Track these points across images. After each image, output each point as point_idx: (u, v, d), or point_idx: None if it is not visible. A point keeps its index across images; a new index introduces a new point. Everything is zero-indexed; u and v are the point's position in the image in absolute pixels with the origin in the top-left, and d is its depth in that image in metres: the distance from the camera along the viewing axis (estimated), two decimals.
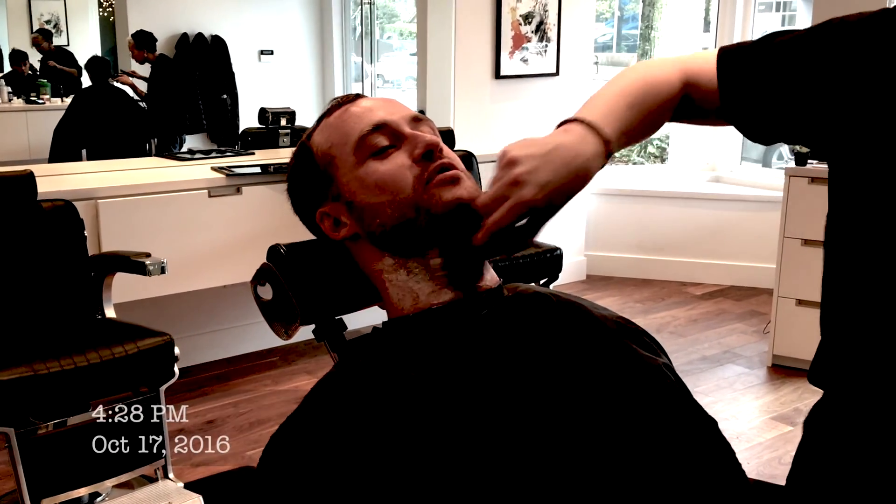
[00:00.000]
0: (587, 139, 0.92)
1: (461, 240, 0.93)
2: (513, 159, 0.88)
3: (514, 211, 0.87)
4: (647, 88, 0.99)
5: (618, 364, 0.91)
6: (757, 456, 2.76)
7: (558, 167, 0.88)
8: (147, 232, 2.98)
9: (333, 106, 1.03)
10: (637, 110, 0.98)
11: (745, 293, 4.48)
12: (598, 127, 0.92)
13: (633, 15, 9.99)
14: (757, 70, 0.97)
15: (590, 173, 0.91)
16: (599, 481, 0.82)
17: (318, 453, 0.82)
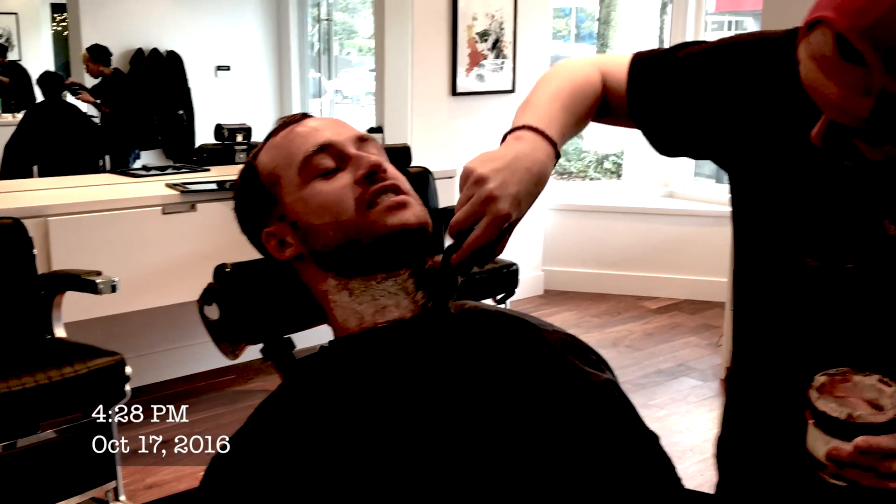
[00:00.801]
0: (539, 144, 0.95)
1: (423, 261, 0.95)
2: (481, 177, 0.90)
3: (494, 226, 0.89)
4: (576, 91, 1.04)
5: (559, 381, 0.92)
6: (710, 468, 2.79)
7: (523, 175, 0.91)
8: (99, 250, 2.93)
9: (279, 126, 1.04)
10: (569, 112, 1.03)
11: (699, 307, 4.55)
12: (545, 131, 0.97)
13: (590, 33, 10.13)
14: (661, 82, 1.03)
15: (547, 176, 0.95)
16: (538, 498, 0.83)
17: (257, 474, 0.82)
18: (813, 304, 0.92)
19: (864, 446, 0.77)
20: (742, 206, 1.01)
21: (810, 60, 0.77)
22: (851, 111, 0.76)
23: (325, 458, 0.82)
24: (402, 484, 0.81)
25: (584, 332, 4.17)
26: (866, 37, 0.71)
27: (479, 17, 4.30)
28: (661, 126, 1.05)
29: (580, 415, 0.90)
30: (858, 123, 0.76)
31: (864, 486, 0.79)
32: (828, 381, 0.82)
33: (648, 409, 3.27)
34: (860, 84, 0.73)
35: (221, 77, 6.94)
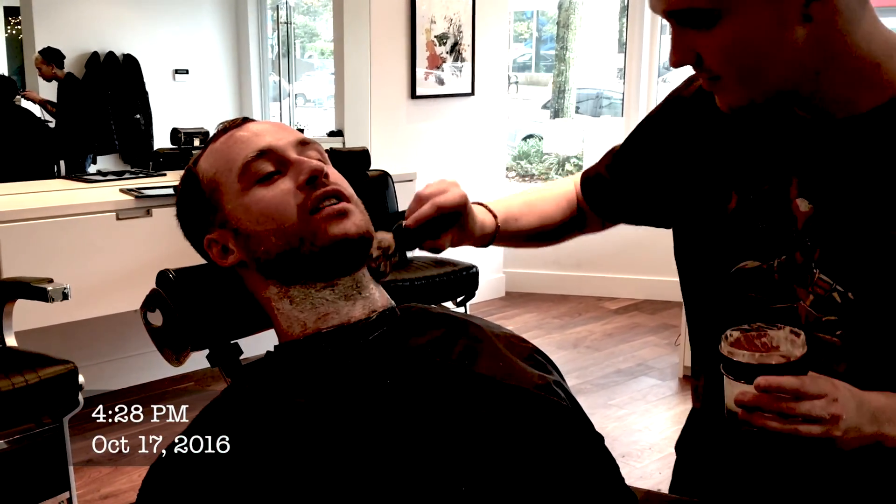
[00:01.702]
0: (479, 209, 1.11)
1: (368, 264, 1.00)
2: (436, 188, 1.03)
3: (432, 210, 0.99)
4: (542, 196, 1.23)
5: (500, 384, 0.93)
6: (669, 465, 2.81)
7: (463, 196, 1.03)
8: (51, 257, 2.89)
9: (220, 131, 1.02)
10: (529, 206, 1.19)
11: (658, 306, 4.60)
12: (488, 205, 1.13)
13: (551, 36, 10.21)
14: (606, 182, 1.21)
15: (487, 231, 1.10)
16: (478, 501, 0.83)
17: (196, 479, 0.81)
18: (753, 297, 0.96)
19: (765, 385, 0.79)
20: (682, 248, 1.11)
21: None
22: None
23: (266, 462, 0.82)
24: (343, 488, 0.80)
25: (545, 333, 4.20)
26: None
27: (437, 20, 4.31)
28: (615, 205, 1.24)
29: (523, 417, 0.90)
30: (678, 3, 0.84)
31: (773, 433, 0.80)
32: (742, 336, 0.84)
33: (608, 408, 3.30)
34: None
35: (180, 81, 6.87)
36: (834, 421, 0.80)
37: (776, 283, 0.93)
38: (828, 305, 0.90)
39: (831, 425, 0.80)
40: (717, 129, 0.99)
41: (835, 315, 0.89)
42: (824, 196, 0.90)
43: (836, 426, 0.80)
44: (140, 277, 3.03)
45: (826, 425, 0.80)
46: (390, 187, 3.66)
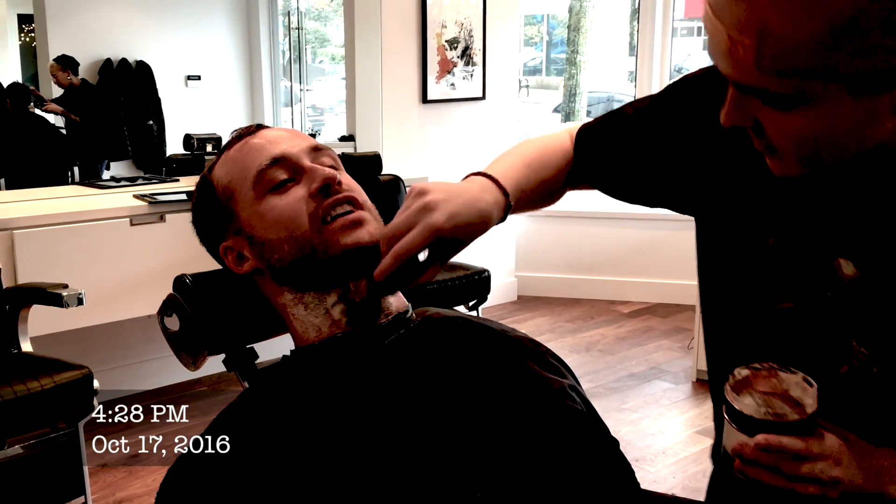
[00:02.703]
0: (489, 189, 0.95)
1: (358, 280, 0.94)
2: (423, 189, 0.90)
3: (424, 235, 0.87)
4: (544, 153, 1.06)
5: (516, 388, 0.93)
6: (683, 470, 2.82)
7: (465, 203, 0.91)
8: (66, 262, 2.90)
9: (234, 138, 1.03)
10: (533, 170, 1.03)
11: (671, 310, 4.59)
12: (498, 180, 0.97)
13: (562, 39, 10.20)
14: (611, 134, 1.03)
15: (491, 219, 0.94)
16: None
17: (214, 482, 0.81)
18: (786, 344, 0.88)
19: (764, 444, 0.76)
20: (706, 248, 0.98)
21: (707, 7, 0.71)
22: (740, 58, 0.68)
23: (284, 465, 0.82)
24: (359, 491, 0.81)
25: (557, 336, 4.19)
26: None
27: (448, 24, 4.32)
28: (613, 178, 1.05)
29: (537, 421, 0.90)
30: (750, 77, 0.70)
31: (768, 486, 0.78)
32: (751, 376, 0.81)
33: (622, 412, 3.29)
34: (745, 20, 0.67)
35: (192, 87, 6.90)
36: (833, 483, 0.77)
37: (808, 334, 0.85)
38: (863, 377, 0.82)
39: (830, 487, 0.77)
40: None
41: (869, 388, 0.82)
42: (873, 262, 0.81)
43: (835, 488, 0.77)
44: (154, 282, 3.07)
45: (825, 487, 0.77)
46: (402, 192, 3.66)
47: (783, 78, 0.68)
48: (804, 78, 0.67)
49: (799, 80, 0.68)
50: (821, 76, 0.67)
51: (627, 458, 0.98)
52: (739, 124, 0.75)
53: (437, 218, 0.88)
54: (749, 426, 0.77)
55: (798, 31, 0.65)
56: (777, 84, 0.68)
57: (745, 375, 0.81)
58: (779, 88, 0.69)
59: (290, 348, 0.99)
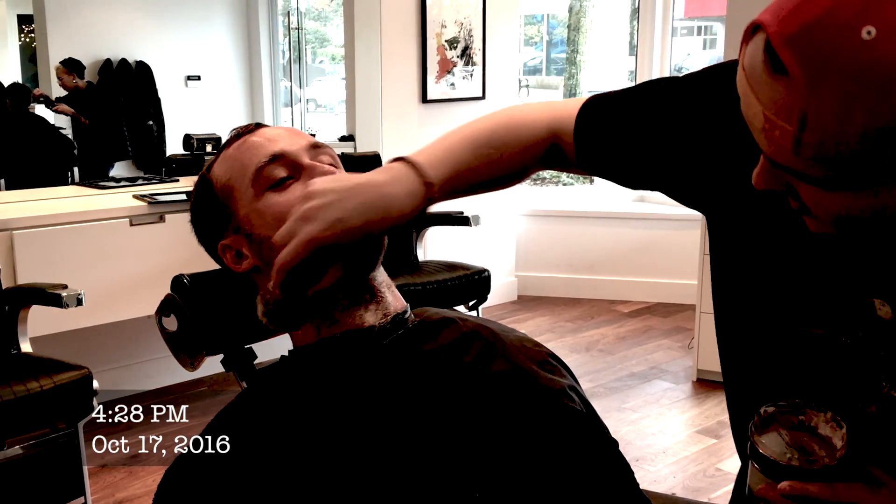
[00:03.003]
0: (403, 179, 0.89)
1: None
2: (309, 193, 0.87)
3: (300, 248, 0.85)
4: (501, 131, 0.96)
5: (515, 388, 0.92)
6: (683, 469, 2.82)
7: (356, 205, 0.86)
8: (66, 263, 2.90)
9: (233, 137, 1.03)
10: (482, 153, 0.94)
11: (671, 309, 4.58)
12: (421, 168, 0.89)
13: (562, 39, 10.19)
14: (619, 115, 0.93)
15: (397, 215, 0.88)
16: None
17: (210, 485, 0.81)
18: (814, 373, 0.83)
19: (789, 491, 0.73)
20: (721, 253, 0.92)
21: (742, 71, 0.67)
22: (776, 140, 0.65)
23: (282, 466, 0.82)
24: (357, 492, 0.80)
25: (557, 336, 4.19)
26: (792, 45, 0.61)
27: (447, 24, 4.32)
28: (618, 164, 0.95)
29: (535, 423, 0.90)
30: (786, 159, 0.66)
31: None
32: (777, 413, 0.77)
33: (622, 412, 3.29)
34: (785, 104, 0.63)
35: (192, 87, 6.90)
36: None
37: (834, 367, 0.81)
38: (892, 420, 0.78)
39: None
40: None
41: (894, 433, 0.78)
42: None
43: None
44: (153, 283, 3.06)
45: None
46: None
47: (822, 165, 0.64)
48: (846, 170, 0.63)
49: (840, 171, 0.64)
50: (863, 172, 0.63)
51: (628, 457, 0.98)
52: (773, 188, 0.71)
53: (312, 230, 0.85)
54: (774, 470, 0.75)
55: (840, 128, 0.61)
56: (816, 170, 0.65)
57: (770, 412, 0.77)
58: (817, 174, 0.65)
59: (289, 348, 0.99)
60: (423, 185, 0.89)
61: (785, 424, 0.76)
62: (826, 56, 0.60)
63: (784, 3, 0.63)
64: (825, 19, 0.60)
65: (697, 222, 3.91)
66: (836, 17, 0.60)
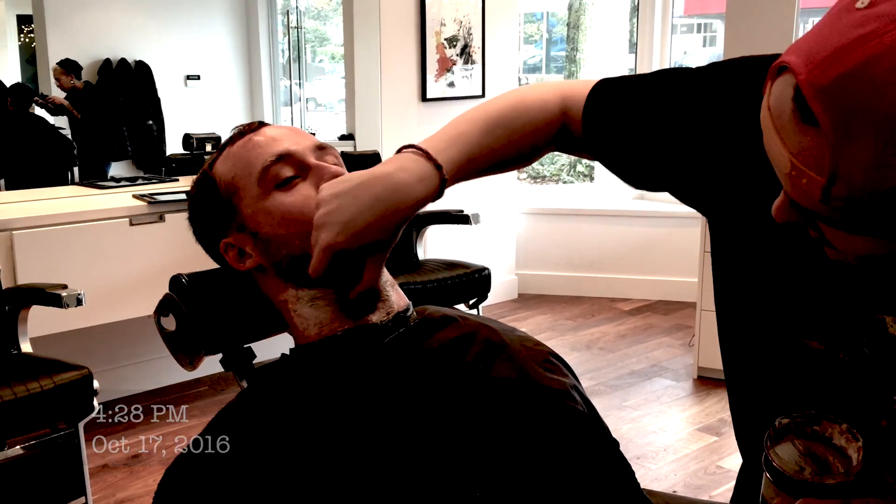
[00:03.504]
0: (411, 167, 0.87)
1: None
2: (318, 202, 0.88)
3: (321, 257, 0.87)
4: (512, 113, 0.94)
5: (516, 388, 0.92)
6: (684, 467, 2.81)
7: (366, 202, 0.85)
8: (66, 263, 2.90)
9: (236, 134, 1.02)
10: (494, 136, 0.92)
11: (672, 307, 4.58)
12: (431, 154, 0.88)
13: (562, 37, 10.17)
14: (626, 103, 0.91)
15: (411, 203, 0.87)
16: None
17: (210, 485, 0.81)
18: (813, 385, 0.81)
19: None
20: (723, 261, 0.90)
21: (767, 112, 0.64)
22: (802, 186, 0.63)
23: (282, 465, 0.81)
24: (358, 492, 0.80)
25: (558, 334, 4.19)
26: (825, 97, 0.58)
27: (447, 23, 4.31)
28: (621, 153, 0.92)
29: (537, 423, 0.89)
30: (811, 205, 0.63)
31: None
32: (792, 424, 0.76)
33: (623, 410, 3.28)
34: (813, 154, 0.60)
35: (191, 86, 6.90)
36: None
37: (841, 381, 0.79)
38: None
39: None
40: None
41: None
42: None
43: None
44: (153, 282, 3.05)
45: None
46: None
47: (849, 215, 0.62)
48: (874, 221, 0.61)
49: (868, 222, 0.62)
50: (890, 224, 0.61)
51: (629, 455, 0.97)
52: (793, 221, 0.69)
53: (327, 237, 0.86)
54: (788, 484, 0.73)
55: (872, 183, 0.59)
56: (841, 217, 0.63)
57: (785, 423, 0.76)
58: (843, 220, 0.63)
59: (289, 347, 0.99)
60: (434, 169, 0.88)
61: (800, 435, 0.75)
62: (861, 110, 0.57)
63: (814, 47, 0.60)
64: (861, 72, 0.57)
65: (698, 220, 3.91)
66: (873, 70, 0.56)
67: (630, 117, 0.89)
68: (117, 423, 3.15)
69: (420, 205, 0.87)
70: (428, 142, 0.91)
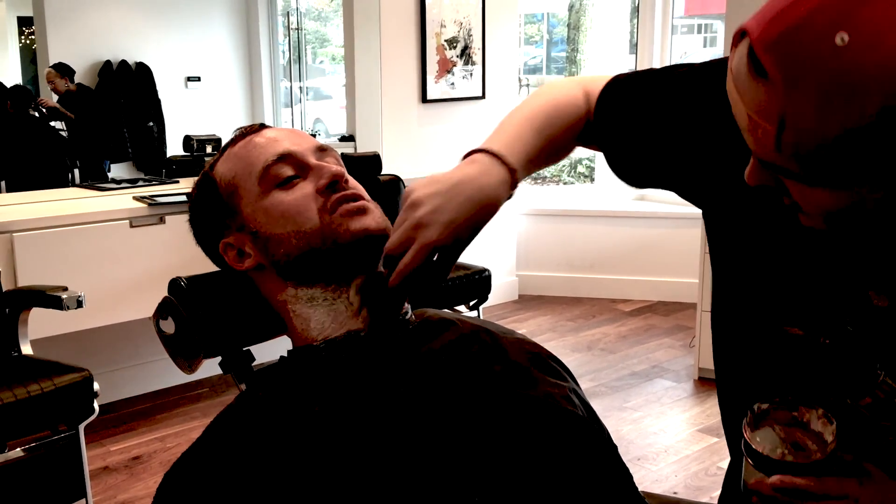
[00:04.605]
0: (491, 170, 0.92)
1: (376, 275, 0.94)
2: (415, 202, 0.89)
3: (421, 254, 0.88)
4: (552, 112, 0.99)
5: (515, 391, 0.92)
6: (685, 468, 2.81)
7: (462, 203, 0.89)
8: (66, 265, 2.90)
9: (237, 136, 1.03)
10: (545, 135, 0.97)
11: (672, 308, 4.58)
12: (503, 156, 0.93)
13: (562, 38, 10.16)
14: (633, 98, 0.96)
15: (496, 204, 0.91)
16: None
17: (209, 489, 0.81)
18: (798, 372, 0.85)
19: (779, 484, 0.76)
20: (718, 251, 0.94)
21: (730, 74, 0.70)
22: (760, 138, 0.68)
23: (281, 468, 0.81)
24: (356, 497, 0.80)
25: (558, 336, 4.19)
26: (772, 50, 0.64)
27: (447, 24, 4.31)
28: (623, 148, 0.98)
29: (535, 427, 0.89)
30: (770, 156, 0.68)
31: None
32: (771, 408, 0.80)
33: (623, 411, 3.28)
34: (766, 105, 0.66)
35: (192, 88, 6.90)
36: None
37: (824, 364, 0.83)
38: (886, 410, 0.81)
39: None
40: None
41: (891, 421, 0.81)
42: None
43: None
44: (154, 285, 3.05)
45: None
46: (402, 192, 3.65)
47: (801, 163, 0.67)
48: (823, 168, 0.66)
49: (818, 169, 0.67)
50: (841, 172, 0.66)
51: (629, 457, 0.98)
52: (764, 184, 0.74)
53: (431, 235, 0.88)
54: (766, 465, 0.77)
55: (816, 129, 0.64)
56: (798, 167, 0.68)
57: (764, 409, 0.80)
58: (800, 171, 0.68)
59: (288, 349, 0.99)
60: (508, 172, 0.92)
61: (778, 420, 0.79)
62: (802, 61, 0.63)
63: (767, 10, 0.66)
64: (802, 26, 0.62)
65: (698, 221, 3.90)
66: (813, 24, 0.62)
67: (635, 109, 0.95)
68: (118, 425, 3.16)
69: (500, 206, 0.92)
70: (496, 144, 0.95)
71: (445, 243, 0.88)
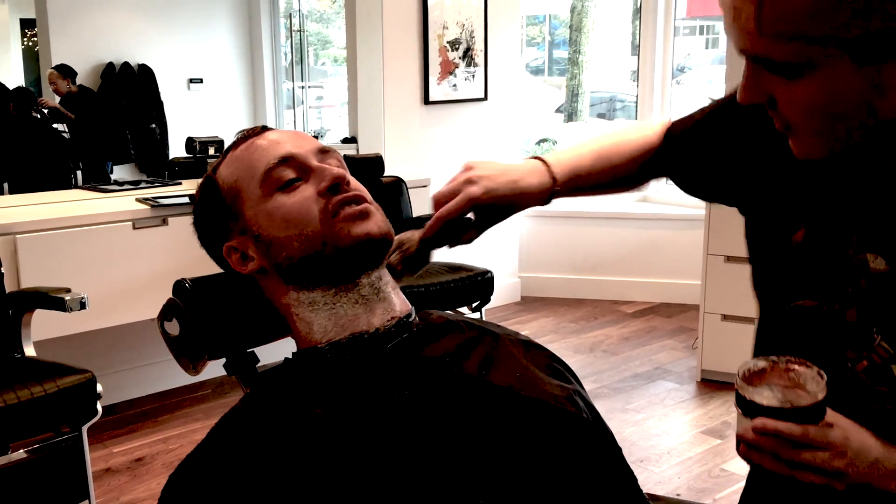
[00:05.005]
0: (536, 172, 1.05)
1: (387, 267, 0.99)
2: (471, 165, 1.02)
3: (463, 203, 0.97)
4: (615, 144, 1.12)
5: (519, 394, 0.92)
6: (688, 470, 2.81)
7: (505, 182, 1.01)
8: (69, 266, 2.90)
9: (239, 139, 1.03)
10: (603, 156, 1.10)
11: (675, 310, 4.58)
12: (551, 165, 1.06)
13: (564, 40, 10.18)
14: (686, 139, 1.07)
15: (529, 197, 1.04)
16: None
17: (213, 491, 0.81)
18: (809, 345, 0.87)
19: (761, 427, 0.76)
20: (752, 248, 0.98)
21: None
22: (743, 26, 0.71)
23: (285, 470, 0.81)
24: (359, 500, 0.80)
25: (561, 337, 4.18)
26: None
27: (449, 25, 4.32)
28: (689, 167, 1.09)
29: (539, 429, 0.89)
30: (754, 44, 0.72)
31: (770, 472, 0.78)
32: (769, 367, 0.81)
33: (626, 412, 3.28)
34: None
35: (194, 90, 6.91)
36: (836, 475, 0.77)
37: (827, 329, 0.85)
38: (882, 375, 0.81)
39: (834, 479, 0.77)
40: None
41: (888, 387, 0.81)
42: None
43: (839, 481, 0.77)
44: (157, 286, 3.06)
45: (829, 478, 0.77)
46: (404, 193, 3.66)
47: (785, 43, 0.70)
48: (805, 43, 0.69)
49: (800, 46, 0.69)
50: (821, 41, 0.69)
51: (632, 458, 0.97)
52: (755, 101, 0.77)
53: (475, 190, 0.98)
54: (754, 413, 0.78)
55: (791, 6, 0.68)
56: (780, 51, 0.71)
57: (761, 367, 0.81)
58: (782, 56, 0.71)
59: (292, 351, 0.99)
60: (550, 179, 1.05)
61: (776, 379, 0.80)
62: None
63: None
64: None
65: (700, 222, 3.90)
66: None
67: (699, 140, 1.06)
68: (121, 427, 3.16)
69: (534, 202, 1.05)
70: (553, 156, 1.09)
71: (481, 202, 0.99)
